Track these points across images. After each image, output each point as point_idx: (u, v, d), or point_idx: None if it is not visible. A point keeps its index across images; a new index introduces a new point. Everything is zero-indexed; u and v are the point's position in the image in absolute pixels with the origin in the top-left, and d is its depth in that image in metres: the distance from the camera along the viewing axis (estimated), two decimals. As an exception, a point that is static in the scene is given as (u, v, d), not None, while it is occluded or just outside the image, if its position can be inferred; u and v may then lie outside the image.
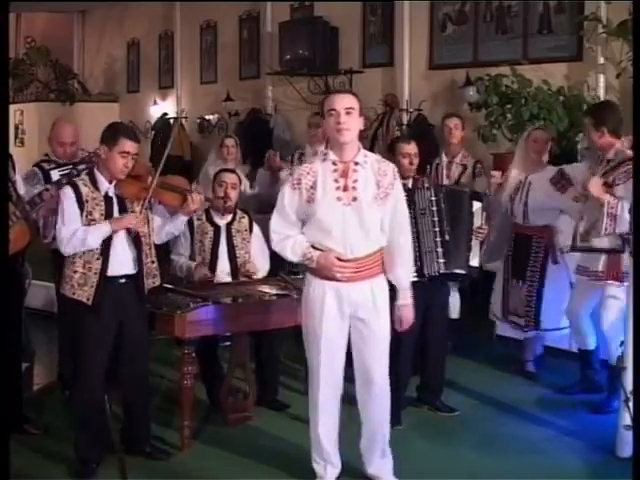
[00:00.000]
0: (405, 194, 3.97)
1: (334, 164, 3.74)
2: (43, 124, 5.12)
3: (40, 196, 4.35)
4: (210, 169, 6.66)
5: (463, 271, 4.75)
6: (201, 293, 4.48)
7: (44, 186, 4.60)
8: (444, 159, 6.35)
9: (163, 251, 4.54)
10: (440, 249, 4.62)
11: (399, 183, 3.86)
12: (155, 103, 11.43)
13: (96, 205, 4.06)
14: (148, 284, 4.20)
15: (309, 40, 8.48)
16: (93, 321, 4.05)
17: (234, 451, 4.45)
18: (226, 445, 4.52)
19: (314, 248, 3.75)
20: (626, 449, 4.23)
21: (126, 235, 4.09)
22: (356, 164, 3.74)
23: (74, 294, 4.06)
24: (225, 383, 4.86)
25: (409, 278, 3.92)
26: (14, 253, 4.22)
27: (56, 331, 5.32)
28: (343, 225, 3.72)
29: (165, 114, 11.03)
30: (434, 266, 4.61)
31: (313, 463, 3.99)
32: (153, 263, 4.25)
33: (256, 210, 6.98)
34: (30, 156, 5.18)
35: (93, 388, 4.07)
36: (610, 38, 6.19)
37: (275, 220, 3.84)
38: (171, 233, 4.45)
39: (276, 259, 5.61)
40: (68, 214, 4.03)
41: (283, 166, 6.68)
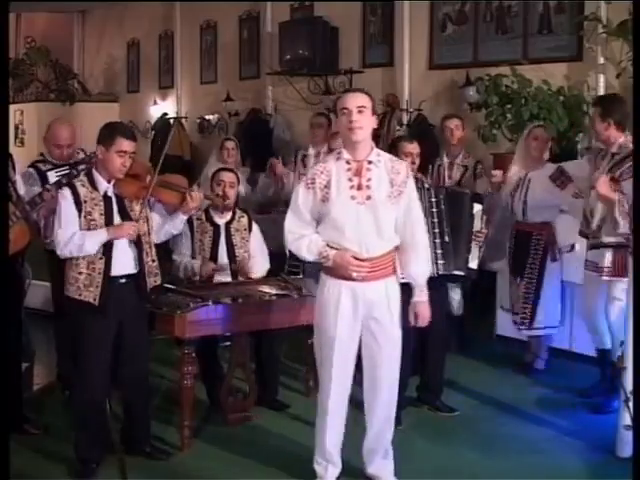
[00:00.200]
0: None
1: (348, 163, 3.73)
2: (43, 124, 5.10)
3: (40, 196, 4.36)
4: (211, 171, 6.65)
5: (462, 273, 4.75)
6: (201, 293, 4.48)
7: (40, 187, 4.60)
8: (445, 160, 6.35)
9: (162, 250, 4.53)
10: (439, 250, 4.62)
11: (412, 181, 3.85)
12: (155, 103, 11.44)
13: (95, 205, 4.05)
14: (149, 283, 4.20)
15: (309, 40, 8.48)
16: (95, 321, 4.05)
17: (234, 451, 4.45)
18: (226, 445, 4.52)
19: (330, 247, 3.75)
20: (626, 449, 4.23)
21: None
22: (369, 163, 3.73)
23: (80, 295, 4.05)
24: (225, 383, 4.86)
25: (425, 275, 3.90)
26: (14, 253, 4.22)
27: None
28: (357, 224, 3.71)
29: (165, 114, 11.04)
30: (433, 267, 4.60)
31: (315, 464, 3.98)
32: (154, 262, 4.25)
33: (256, 210, 6.99)
34: (30, 156, 5.18)
35: (93, 388, 4.07)
36: (610, 38, 6.19)
37: (290, 219, 3.82)
38: (170, 232, 4.43)
39: (276, 259, 5.64)
40: (65, 216, 4.02)
41: (285, 172, 6.67)
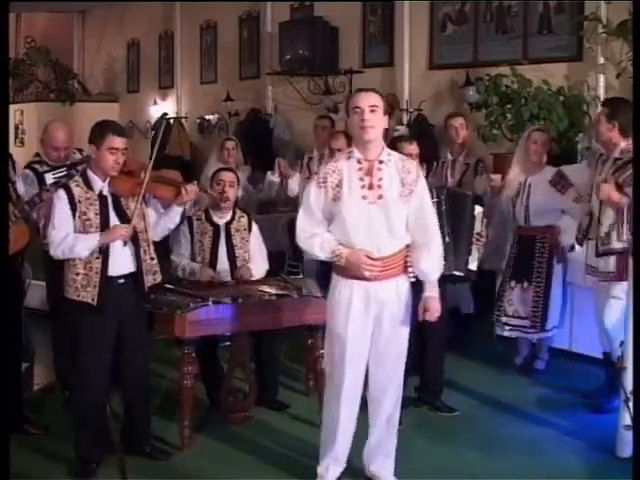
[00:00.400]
0: None
1: (359, 162, 3.73)
2: (43, 124, 5.08)
3: (39, 196, 4.35)
4: (211, 171, 6.65)
5: (462, 273, 4.74)
6: (201, 293, 4.48)
7: (37, 189, 4.60)
8: (449, 157, 6.35)
9: (162, 248, 4.49)
10: (439, 250, 4.62)
11: (423, 179, 3.85)
12: (155, 103, 11.44)
13: (90, 205, 4.04)
14: (148, 281, 4.19)
15: (309, 40, 8.47)
16: (94, 321, 4.04)
17: (234, 451, 4.45)
18: (226, 445, 4.52)
19: (342, 246, 3.74)
20: (626, 449, 4.23)
21: None
22: (380, 162, 3.73)
23: (79, 296, 4.04)
24: (225, 383, 4.86)
25: (437, 271, 3.88)
26: (14, 253, 4.22)
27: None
28: (369, 223, 3.71)
29: (165, 114, 11.04)
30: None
31: (319, 466, 3.98)
32: (152, 260, 4.22)
33: (256, 211, 6.99)
34: (30, 156, 5.17)
35: (93, 389, 4.07)
36: (610, 38, 6.18)
37: (301, 218, 3.82)
38: (167, 227, 4.38)
39: (276, 259, 5.63)
40: (59, 217, 4.01)
41: (291, 172, 6.67)
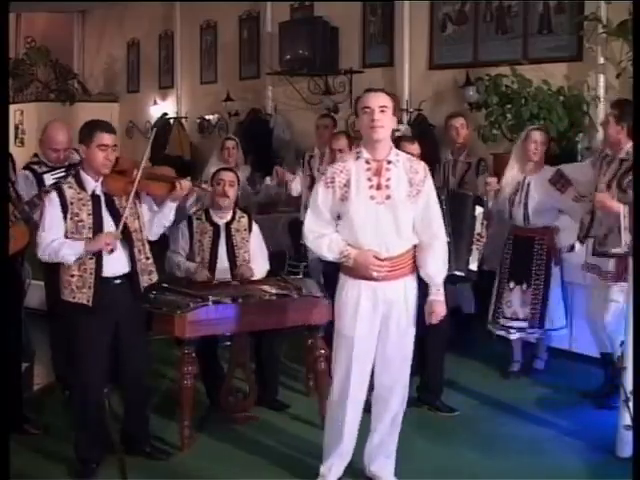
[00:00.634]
0: None
1: (367, 162, 3.73)
2: (43, 124, 5.08)
3: (39, 197, 4.35)
4: (211, 171, 6.65)
5: (462, 273, 4.74)
6: (201, 293, 4.48)
7: (36, 190, 4.59)
8: (450, 158, 6.34)
9: (157, 247, 4.44)
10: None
11: (430, 180, 3.85)
12: (155, 103, 11.44)
13: (82, 206, 4.01)
14: (144, 281, 4.16)
15: (309, 40, 8.48)
16: (90, 322, 4.02)
17: (234, 451, 4.45)
18: (226, 445, 4.52)
19: (350, 246, 3.74)
20: (626, 449, 4.23)
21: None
22: (389, 162, 3.73)
23: (74, 297, 4.03)
24: (225, 383, 4.86)
25: (442, 274, 3.88)
26: (14, 253, 4.22)
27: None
28: (377, 224, 3.71)
29: (165, 114, 11.01)
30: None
31: (322, 465, 3.98)
32: (148, 259, 4.19)
33: (256, 211, 6.99)
34: (30, 156, 5.17)
35: (90, 389, 4.05)
36: (610, 38, 6.18)
37: (309, 218, 3.81)
38: (162, 225, 4.32)
39: (276, 259, 5.63)
40: (49, 220, 3.99)
41: (291, 177, 6.66)
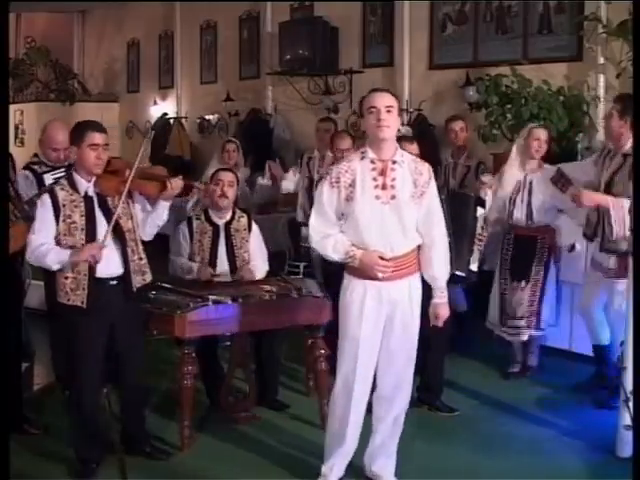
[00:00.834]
0: None
1: (372, 162, 3.73)
2: (43, 124, 5.08)
3: (39, 196, 4.34)
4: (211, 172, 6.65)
5: (463, 274, 4.74)
6: (201, 293, 4.48)
7: (36, 189, 4.58)
8: (450, 160, 6.33)
9: (151, 247, 4.40)
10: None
11: (434, 182, 3.85)
12: (155, 103, 11.45)
13: (75, 207, 3.99)
14: (138, 281, 4.13)
15: (309, 40, 8.49)
16: (86, 324, 4.00)
17: (234, 451, 4.45)
18: (226, 445, 4.52)
19: (355, 247, 3.74)
20: (626, 449, 4.23)
21: (111, 234, 3.99)
22: (394, 163, 3.73)
23: (69, 300, 4.01)
24: (225, 383, 4.86)
25: (445, 277, 3.89)
26: (14, 253, 4.22)
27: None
28: (382, 224, 3.71)
29: (165, 114, 11.03)
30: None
31: (324, 465, 3.98)
32: (141, 260, 4.16)
33: (256, 211, 6.99)
34: (30, 156, 5.17)
35: (89, 390, 4.05)
36: (610, 38, 6.19)
37: (314, 219, 3.81)
38: (155, 225, 4.28)
39: (276, 259, 5.62)
40: (40, 223, 3.98)
41: (282, 174, 6.67)
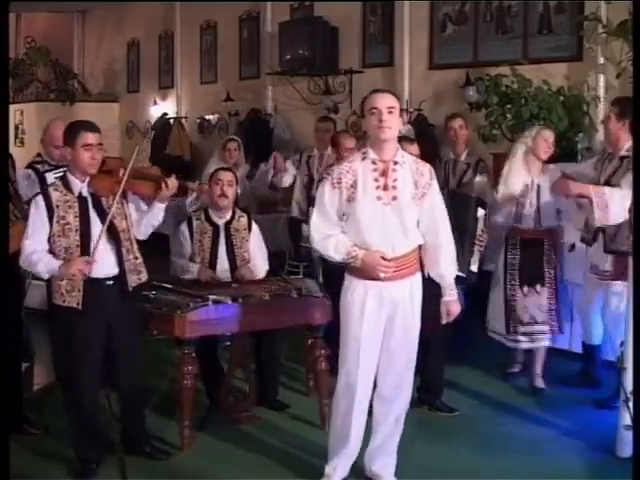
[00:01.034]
0: None
1: (374, 163, 3.74)
2: (43, 124, 5.08)
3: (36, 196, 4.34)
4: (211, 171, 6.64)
5: (463, 274, 4.74)
6: (201, 293, 4.48)
7: (39, 188, 4.58)
8: (451, 157, 6.31)
9: (145, 247, 4.39)
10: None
11: (436, 182, 3.86)
12: (155, 103, 11.45)
13: (69, 208, 3.98)
14: (133, 281, 4.11)
15: (309, 40, 8.48)
16: (82, 325, 3.99)
17: (234, 451, 4.45)
18: (226, 445, 4.52)
19: (357, 247, 3.75)
20: (626, 449, 4.23)
21: (105, 234, 3.98)
22: (395, 163, 3.74)
23: (64, 301, 4.00)
24: (225, 383, 4.86)
25: (452, 274, 3.92)
26: (14, 252, 4.22)
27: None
28: (383, 224, 3.72)
29: (165, 114, 11.04)
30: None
31: (327, 465, 3.98)
32: (137, 259, 4.15)
33: (256, 211, 6.99)
34: (30, 156, 5.16)
35: (87, 390, 4.05)
36: (610, 38, 6.19)
37: (316, 219, 3.82)
38: (151, 225, 4.26)
39: (276, 259, 5.62)
40: (33, 226, 3.97)
41: (287, 168, 6.67)
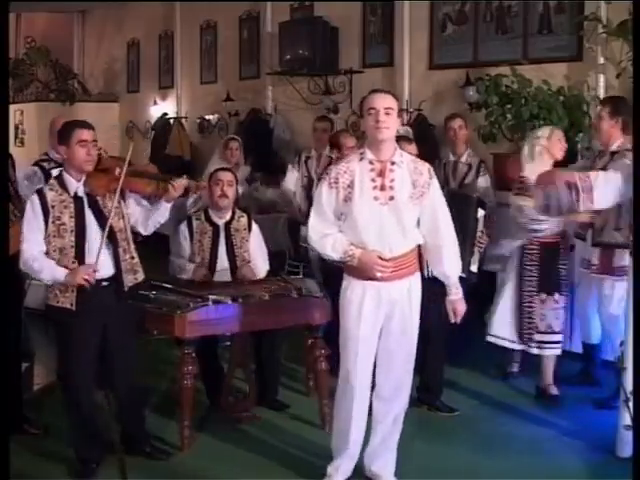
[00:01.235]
0: None
1: (371, 163, 3.74)
2: (43, 124, 5.09)
3: None
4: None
5: (463, 275, 4.73)
6: (201, 293, 4.48)
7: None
8: (451, 158, 6.30)
9: (141, 247, 4.39)
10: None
11: (436, 181, 3.85)
12: (155, 103, 11.45)
13: (64, 208, 3.97)
14: (129, 281, 4.11)
15: (309, 40, 8.48)
16: (77, 326, 3.98)
17: (234, 451, 4.45)
18: (226, 445, 4.53)
19: (354, 246, 3.76)
20: (626, 449, 4.24)
21: (101, 235, 3.97)
22: (393, 164, 3.74)
23: (58, 302, 4.00)
24: (225, 383, 4.86)
25: (456, 273, 3.93)
26: (14, 252, 4.22)
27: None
28: (380, 224, 3.72)
29: (165, 114, 11.04)
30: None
31: (329, 465, 3.99)
32: (133, 259, 4.15)
33: (256, 211, 6.99)
34: (30, 156, 5.17)
35: (84, 391, 4.05)
36: (610, 38, 6.18)
37: (313, 219, 3.84)
38: (157, 221, 4.26)
39: (276, 259, 5.62)
40: (29, 226, 3.96)
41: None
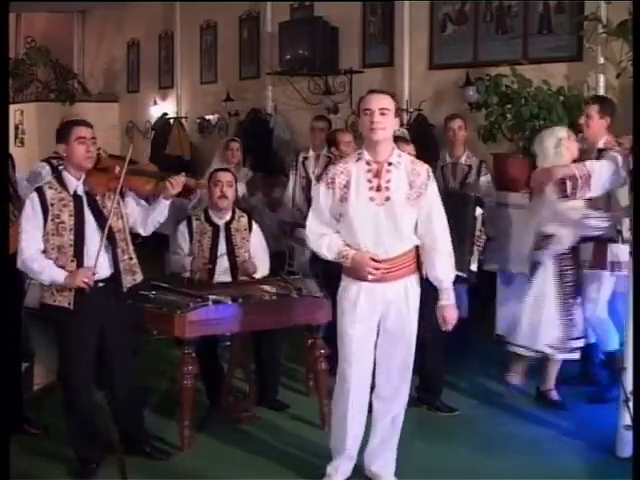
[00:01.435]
0: None
1: (368, 164, 3.74)
2: (43, 124, 5.10)
3: None
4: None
5: (463, 274, 4.74)
6: (201, 293, 4.48)
7: None
8: (448, 160, 6.27)
9: (139, 248, 4.39)
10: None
11: (434, 183, 3.84)
12: (155, 103, 11.46)
13: (63, 206, 3.96)
14: (128, 281, 4.10)
15: (309, 40, 8.48)
16: (74, 326, 3.98)
17: (234, 451, 4.45)
18: (226, 445, 4.52)
19: (349, 247, 3.75)
20: (626, 449, 4.23)
21: (99, 234, 3.97)
22: (389, 164, 3.73)
23: (55, 301, 4.00)
24: (225, 383, 4.86)
25: (450, 278, 3.89)
26: (14, 252, 4.22)
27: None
28: (376, 225, 3.72)
29: (165, 114, 11.05)
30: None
31: (329, 465, 3.99)
32: (132, 260, 4.14)
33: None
34: (30, 156, 5.17)
35: (82, 391, 4.05)
36: (610, 38, 6.18)
37: (311, 219, 3.84)
38: (156, 221, 4.24)
39: (276, 259, 5.62)
40: (27, 224, 3.95)
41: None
